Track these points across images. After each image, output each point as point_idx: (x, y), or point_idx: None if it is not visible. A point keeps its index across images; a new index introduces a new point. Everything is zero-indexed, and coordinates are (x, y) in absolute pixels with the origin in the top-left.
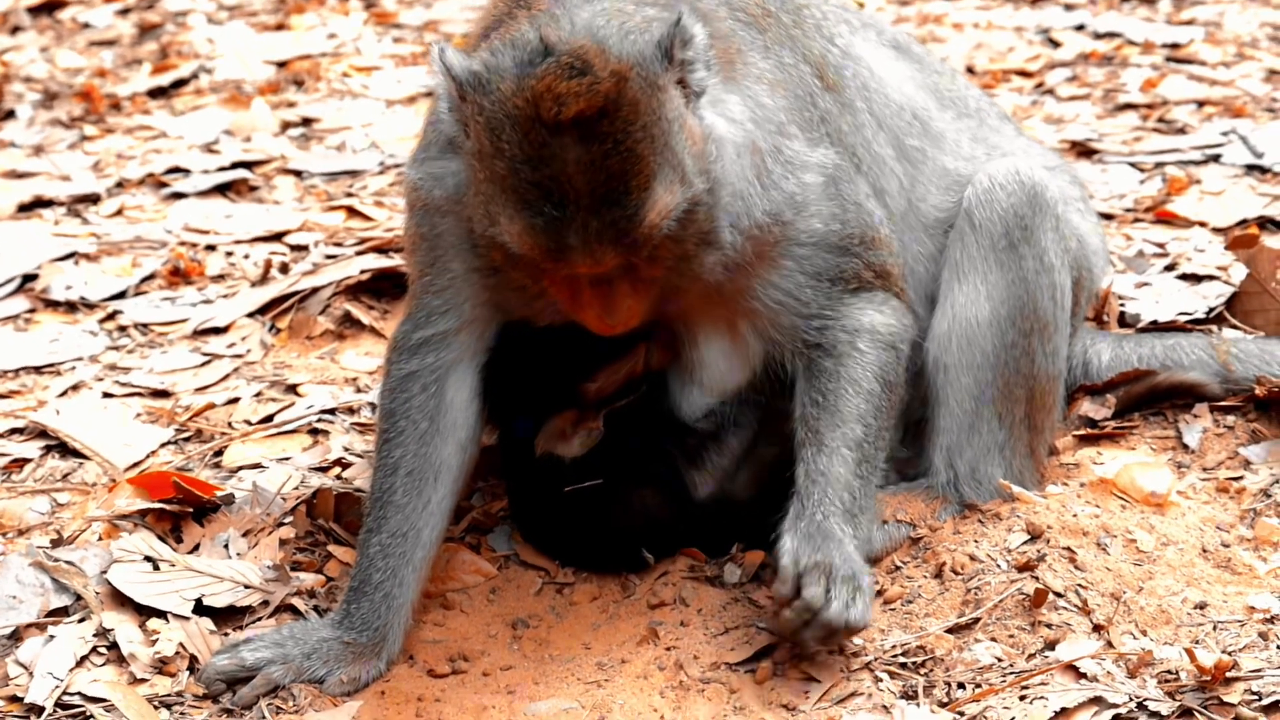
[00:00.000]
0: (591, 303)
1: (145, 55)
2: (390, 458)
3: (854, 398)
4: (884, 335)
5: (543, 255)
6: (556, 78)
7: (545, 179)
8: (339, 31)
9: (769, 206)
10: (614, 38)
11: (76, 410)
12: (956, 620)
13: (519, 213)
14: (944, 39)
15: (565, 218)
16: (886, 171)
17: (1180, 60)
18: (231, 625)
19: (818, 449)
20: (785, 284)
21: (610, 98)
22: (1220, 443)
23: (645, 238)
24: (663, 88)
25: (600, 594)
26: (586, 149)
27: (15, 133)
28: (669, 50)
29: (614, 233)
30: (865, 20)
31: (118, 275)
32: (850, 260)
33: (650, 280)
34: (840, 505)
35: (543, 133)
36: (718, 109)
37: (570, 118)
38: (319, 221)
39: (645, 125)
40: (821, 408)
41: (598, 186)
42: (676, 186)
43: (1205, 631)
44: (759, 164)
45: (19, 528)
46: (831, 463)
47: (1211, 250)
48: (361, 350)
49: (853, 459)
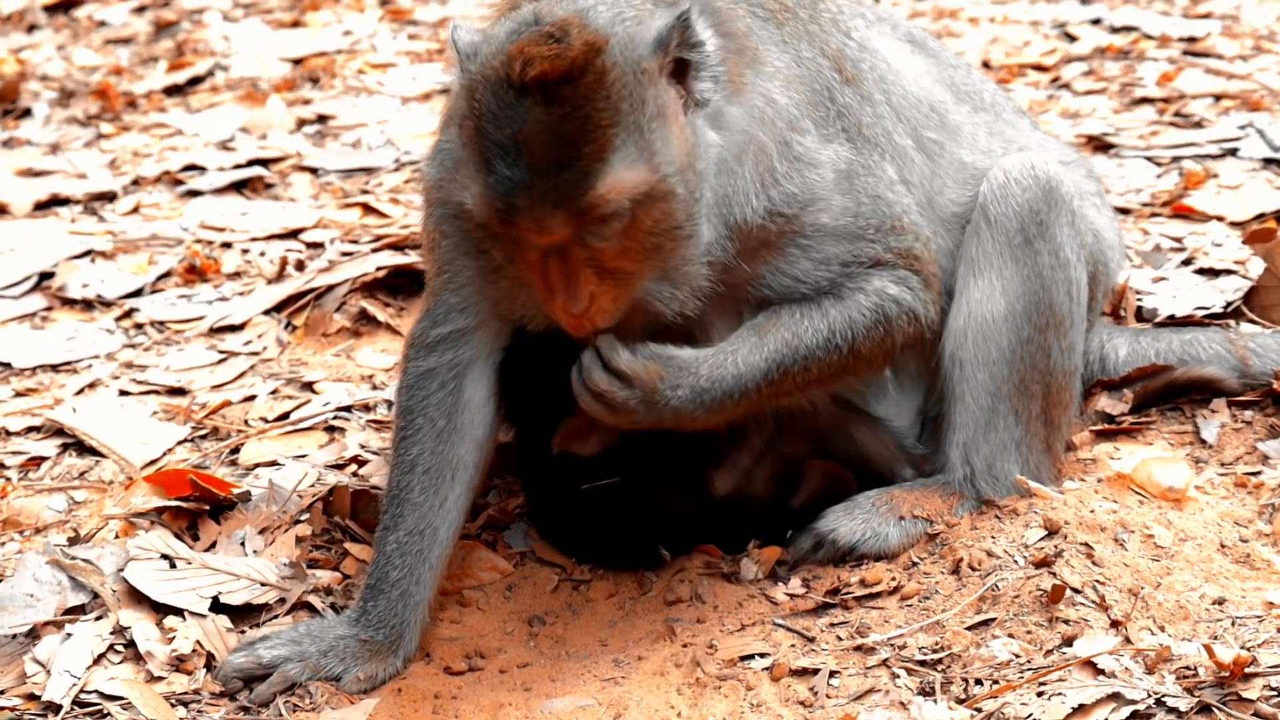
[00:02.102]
0: (554, 285)
1: (161, 53)
2: (407, 455)
3: (809, 321)
4: (889, 304)
5: (494, 216)
6: (532, 42)
7: (505, 138)
8: (354, 28)
9: (768, 205)
10: (603, 17)
11: (93, 408)
12: (974, 616)
13: (478, 173)
14: (960, 33)
15: (517, 178)
16: (908, 162)
17: (1197, 54)
18: (248, 623)
19: (751, 331)
20: (793, 270)
21: (577, 64)
22: (1238, 438)
23: (592, 208)
24: (647, 72)
25: (617, 591)
26: (546, 111)
27: (32, 131)
28: (664, 41)
29: (560, 198)
30: (880, 15)
31: (134, 273)
32: (867, 245)
33: (619, 272)
34: (720, 379)
35: (509, 93)
36: (716, 117)
37: (533, 78)
38: (335, 219)
39: (611, 99)
40: (775, 312)
41: (551, 150)
42: (639, 167)
43: (1224, 627)
44: (763, 163)
45: (36, 525)
46: (749, 349)
47: (1229, 244)
48: (378, 347)
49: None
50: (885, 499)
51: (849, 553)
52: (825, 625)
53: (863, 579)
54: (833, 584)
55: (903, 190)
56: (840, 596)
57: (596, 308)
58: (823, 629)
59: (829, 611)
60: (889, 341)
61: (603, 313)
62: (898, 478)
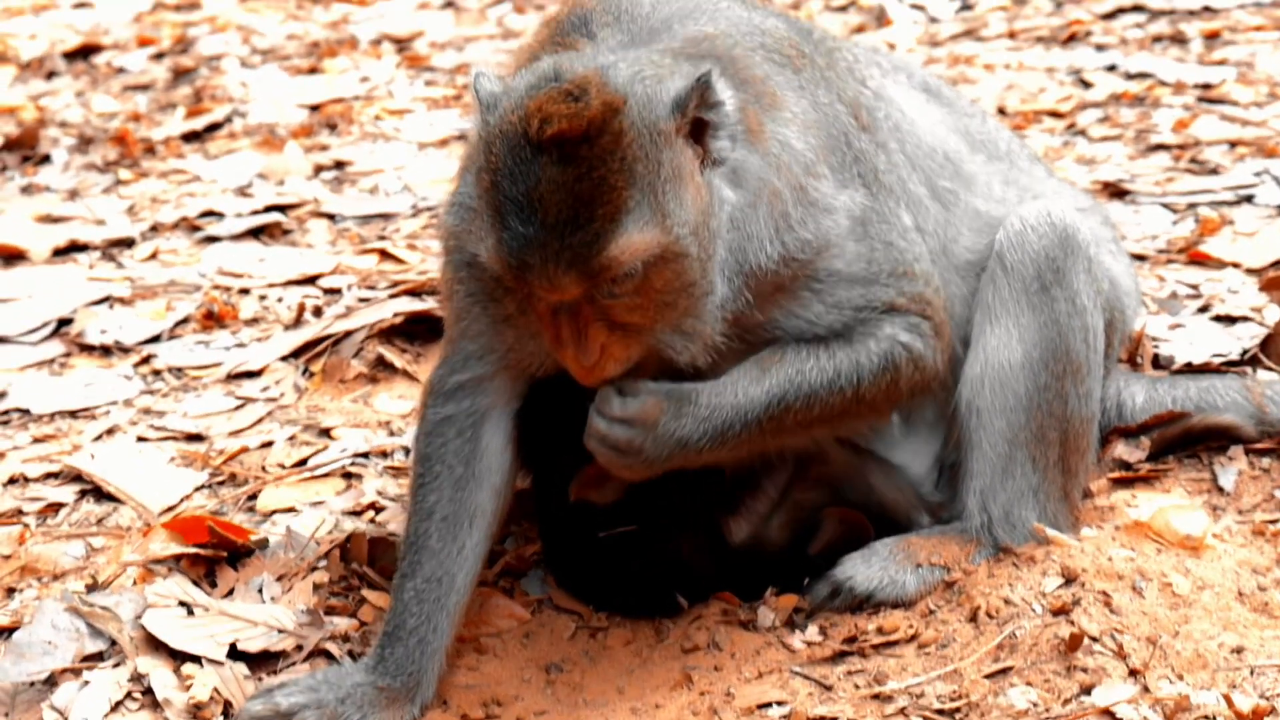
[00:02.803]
0: (565, 340)
1: (179, 99)
2: (425, 503)
3: (815, 361)
4: (897, 350)
5: (506, 271)
6: (550, 99)
7: (520, 194)
8: (371, 75)
9: (782, 251)
10: (623, 76)
11: (111, 454)
12: (992, 665)
13: (493, 227)
14: (975, 80)
15: (530, 236)
16: (923, 210)
17: (1212, 100)
18: (266, 670)
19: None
20: (805, 313)
21: (595, 124)
22: (1256, 485)
23: (603, 270)
24: (664, 134)
25: (634, 638)
26: (562, 170)
27: (50, 177)
28: (683, 103)
29: (572, 258)
30: (896, 64)
31: (152, 319)
32: (881, 289)
33: (631, 327)
34: (720, 407)
35: (526, 149)
36: (734, 172)
37: (550, 137)
38: (352, 264)
39: (627, 161)
40: (782, 348)
41: (565, 209)
42: (652, 230)
43: (1242, 676)
44: (777, 209)
45: (54, 572)
46: (749, 380)
47: (1245, 291)
48: (395, 393)
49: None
50: (902, 546)
51: (866, 600)
52: (843, 673)
53: (880, 627)
54: (850, 632)
55: (916, 237)
56: (858, 644)
57: (607, 359)
58: (840, 677)
59: (846, 659)
60: (895, 388)
61: (614, 364)
62: (915, 525)
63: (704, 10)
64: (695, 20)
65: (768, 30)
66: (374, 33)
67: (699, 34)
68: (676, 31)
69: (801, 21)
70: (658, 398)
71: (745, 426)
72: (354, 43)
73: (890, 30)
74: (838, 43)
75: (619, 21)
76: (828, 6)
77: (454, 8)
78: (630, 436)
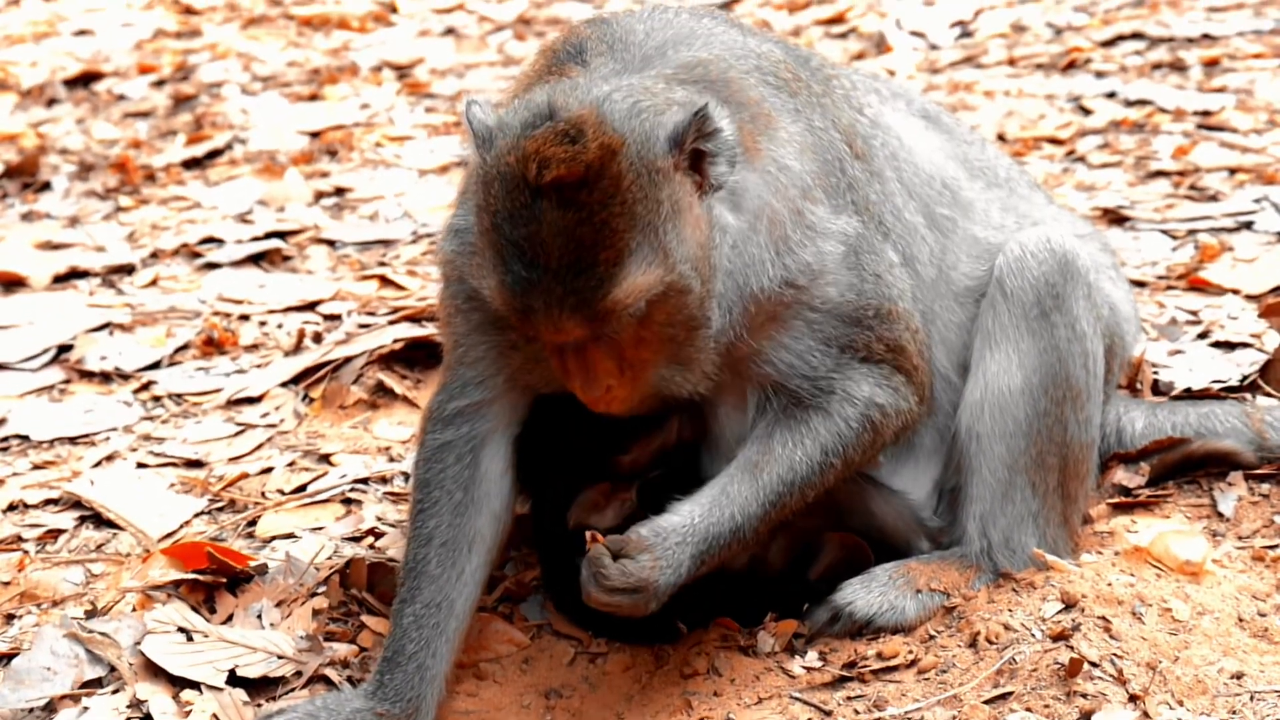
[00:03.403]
0: (572, 372)
1: (180, 126)
2: (424, 528)
3: (802, 450)
4: (874, 412)
5: (511, 313)
6: (548, 141)
7: (521, 238)
8: (372, 101)
9: (784, 274)
10: (620, 113)
11: (111, 481)
12: (991, 690)
13: (495, 268)
14: (975, 106)
15: (533, 280)
16: (918, 239)
17: (1212, 127)
18: (265, 696)
19: (746, 470)
20: (796, 346)
21: (593, 168)
22: (1255, 511)
23: (608, 313)
24: (662, 171)
25: (633, 664)
26: (562, 215)
27: (51, 204)
28: (680, 138)
29: (576, 302)
30: (895, 90)
31: (152, 345)
32: (862, 332)
33: (636, 361)
34: (718, 535)
35: (525, 193)
36: (733, 194)
37: (550, 181)
38: (352, 291)
39: (627, 203)
40: (768, 441)
41: (567, 254)
42: (654, 270)
43: (1242, 702)
44: (777, 231)
45: (53, 599)
46: (744, 490)
47: (1244, 317)
48: (394, 419)
49: (757, 499)
50: (902, 572)
51: (866, 625)
52: (842, 699)
53: (880, 652)
54: (850, 657)
55: (900, 274)
56: (857, 669)
57: (614, 394)
58: (840, 702)
59: (846, 685)
60: (878, 442)
61: (620, 401)
62: (915, 550)
63: (698, 36)
64: (689, 46)
65: (763, 54)
66: (374, 59)
67: (693, 59)
68: (670, 58)
69: (799, 48)
70: (654, 555)
71: (743, 539)
72: (354, 69)
73: (890, 57)
74: (835, 69)
75: (613, 50)
76: (827, 34)
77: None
78: (634, 601)
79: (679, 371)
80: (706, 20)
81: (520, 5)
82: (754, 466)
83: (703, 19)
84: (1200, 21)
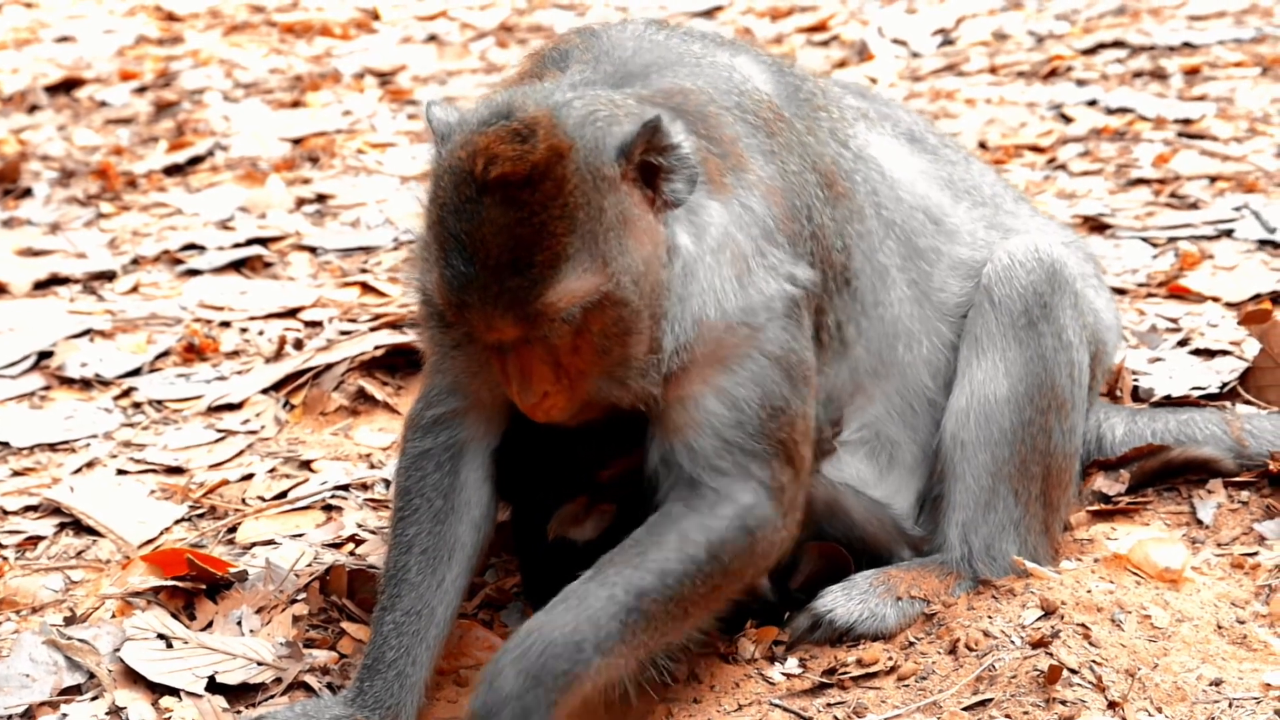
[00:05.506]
0: (510, 377)
1: (161, 133)
2: (405, 535)
3: (673, 552)
4: (749, 520)
5: (448, 308)
6: (499, 138)
7: (463, 232)
8: (354, 108)
9: (744, 305)
10: (574, 118)
11: (90, 487)
12: (971, 697)
13: (436, 262)
14: (956, 114)
15: (470, 275)
16: (888, 282)
17: (1192, 136)
18: (245, 703)
19: (595, 575)
20: (722, 398)
21: (539, 169)
22: (1234, 518)
23: (539, 314)
24: (609, 180)
25: None
26: (504, 212)
27: (32, 210)
28: (628, 149)
29: (510, 300)
30: (883, 111)
31: (133, 352)
32: (765, 423)
33: (572, 369)
34: (559, 648)
35: (470, 187)
36: (691, 218)
37: (495, 178)
38: (333, 298)
39: (569, 206)
40: (635, 543)
41: (505, 252)
42: (590, 277)
43: (1221, 709)
44: (739, 265)
45: (32, 605)
46: (595, 595)
47: (1224, 325)
48: (375, 426)
49: (623, 604)
50: (883, 579)
51: (846, 633)
52: (822, 705)
53: (860, 659)
54: (830, 664)
55: (812, 349)
56: (837, 676)
57: (551, 401)
58: (820, 709)
59: (826, 691)
60: (753, 551)
61: (558, 409)
62: (897, 558)
63: (685, 63)
64: (675, 72)
65: (747, 92)
66: (356, 67)
67: (674, 87)
68: (653, 81)
69: (792, 76)
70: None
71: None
72: (336, 77)
73: (872, 65)
74: (827, 98)
75: (596, 61)
76: (810, 41)
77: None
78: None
79: (616, 385)
80: (697, 45)
81: (503, 12)
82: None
83: (694, 42)
84: (1181, 30)
